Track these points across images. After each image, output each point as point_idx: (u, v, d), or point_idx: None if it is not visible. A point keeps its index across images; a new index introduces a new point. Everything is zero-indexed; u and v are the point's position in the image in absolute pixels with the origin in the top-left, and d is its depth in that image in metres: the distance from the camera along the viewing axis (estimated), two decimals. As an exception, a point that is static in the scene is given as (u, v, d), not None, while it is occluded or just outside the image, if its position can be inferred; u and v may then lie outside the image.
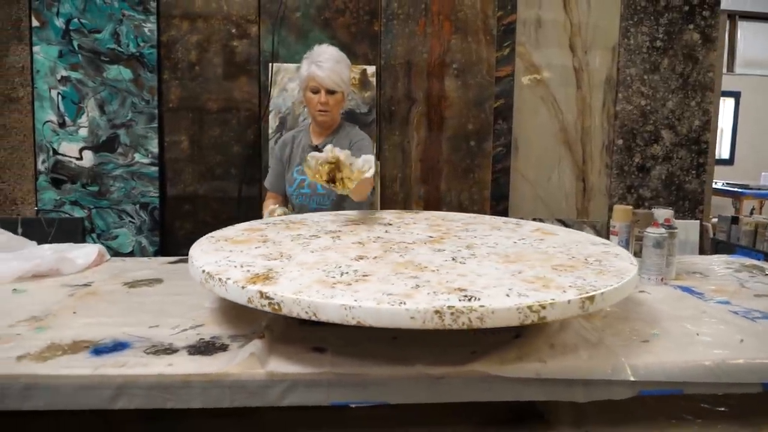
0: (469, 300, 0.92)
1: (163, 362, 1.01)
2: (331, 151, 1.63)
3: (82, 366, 0.99)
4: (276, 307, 0.95)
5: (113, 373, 0.97)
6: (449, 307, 0.89)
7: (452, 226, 1.60)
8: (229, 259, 1.20)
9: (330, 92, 1.97)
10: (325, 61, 1.96)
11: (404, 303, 0.91)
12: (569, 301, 0.95)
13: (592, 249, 1.33)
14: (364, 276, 1.06)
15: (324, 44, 2.05)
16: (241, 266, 1.13)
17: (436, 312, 0.89)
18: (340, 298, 0.93)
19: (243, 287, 1.00)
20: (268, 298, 0.96)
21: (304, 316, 0.93)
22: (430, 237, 1.41)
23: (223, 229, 1.53)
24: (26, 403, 0.96)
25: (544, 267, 1.14)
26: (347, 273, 1.08)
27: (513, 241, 1.38)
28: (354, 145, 2.02)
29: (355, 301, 0.92)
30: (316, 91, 1.97)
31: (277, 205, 1.97)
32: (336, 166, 1.62)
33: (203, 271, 1.11)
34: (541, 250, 1.29)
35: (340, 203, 2.01)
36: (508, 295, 0.95)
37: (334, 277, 1.05)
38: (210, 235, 1.45)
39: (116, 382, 0.96)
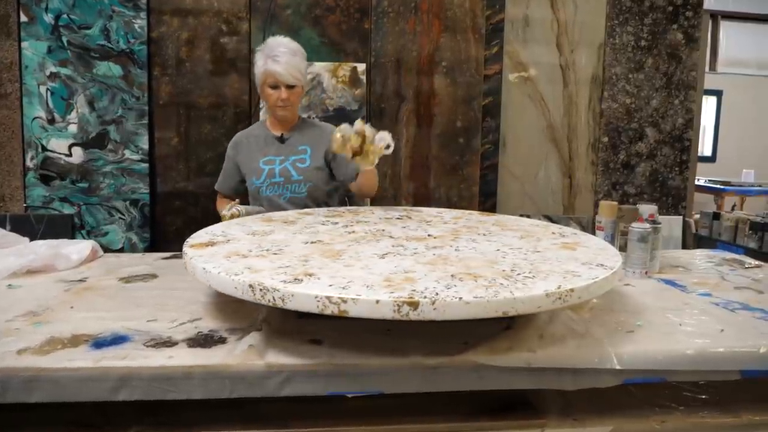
0: (287, 284, 0.98)
1: (163, 355, 1.03)
2: (360, 125, 1.75)
3: (83, 359, 1.01)
4: (185, 258, 1.19)
5: (114, 365, 0.99)
6: (260, 284, 0.99)
7: (482, 229, 1.54)
8: (224, 231, 1.44)
9: (289, 87, 1.94)
10: (282, 55, 1.90)
11: (236, 276, 1.03)
12: (378, 301, 0.92)
13: (563, 267, 1.15)
14: (274, 254, 1.20)
15: (278, 36, 2.00)
16: (214, 234, 1.38)
17: (250, 286, 0.99)
18: (209, 265, 1.10)
19: (185, 246, 1.27)
20: (186, 256, 1.19)
21: (191, 272, 1.15)
22: (429, 235, 1.44)
23: (293, 211, 1.78)
24: (28, 396, 0.98)
25: (445, 272, 1.08)
26: (267, 250, 1.23)
27: (497, 248, 1.30)
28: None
29: (214, 268, 1.08)
30: (275, 87, 1.93)
31: (235, 205, 1.83)
32: (363, 139, 1.75)
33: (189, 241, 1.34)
34: (495, 260, 1.19)
35: (314, 192, 2.00)
36: (330, 285, 0.98)
37: (250, 251, 1.22)
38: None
39: (118, 374, 0.98)
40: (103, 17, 2.62)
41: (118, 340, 1.09)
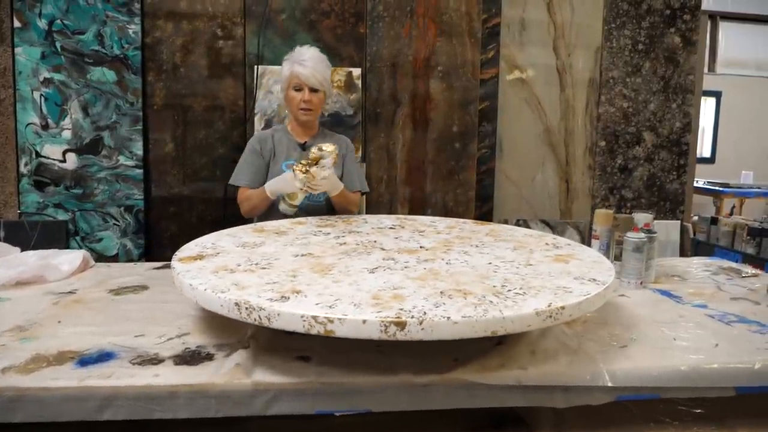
0: (273, 302, 0.97)
1: (149, 373, 1.01)
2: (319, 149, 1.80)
3: (68, 378, 0.99)
4: (173, 273, 1.20)
5: (99, 384, 0.98)
6: (246, 302, 0.98)
7: (475, 239, 1.52)
8: (214, 242, 1.45)
9: (313, 90, 2.01)
10: (308, 60, 2.00)
11: (222, 293, 1.02)
12: (364, 321, 0.91)
13: (554, 283, 1.13)
14: (263, 269, 1.20)
15: (305, 45, 2.08)
16: (204, 247, 1.39)
17: (236, 304, 0.99)
18: (195, 281, 1.10)
19: (173, 260, 1.27)
20: (173, 271, 1.20)
21: (179, 288, 1.15)
22: (420, 247, 1.42)
23: (286, 220, 1.78)
24: (12, 415, 0.97)
25: (435, 288, 1.06)
26: (256, 264, 1.23)
27: (488, 261, 1.29)
28: (348, 147, 2.14)
29: (200, 284, 1.08)
30: (299, 89, 2.01)
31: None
32: (315, 162, 1.79)
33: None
34: (486, 275, 1.17)
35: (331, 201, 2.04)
36: (317, 304, 0.97)
37: (238, 265, 1.22)
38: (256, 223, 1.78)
39: (102, 394, 0.97)
40: (97, 22, 2.60)
41: (104, 357, 1.08)
